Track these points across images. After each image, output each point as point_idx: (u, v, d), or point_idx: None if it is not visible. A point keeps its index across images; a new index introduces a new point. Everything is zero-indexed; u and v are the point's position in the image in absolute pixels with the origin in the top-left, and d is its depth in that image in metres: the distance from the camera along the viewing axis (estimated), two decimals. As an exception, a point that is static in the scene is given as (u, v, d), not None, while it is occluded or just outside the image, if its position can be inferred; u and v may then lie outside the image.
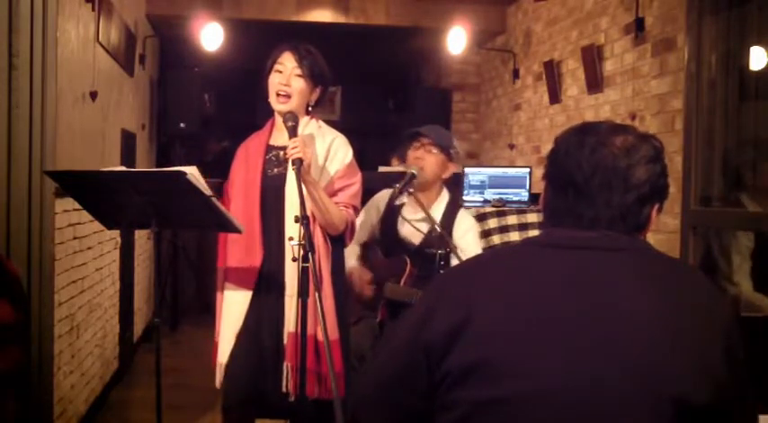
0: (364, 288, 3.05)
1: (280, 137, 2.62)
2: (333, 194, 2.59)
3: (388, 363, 1.37)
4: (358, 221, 3.21)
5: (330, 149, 2.63)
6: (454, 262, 2.86)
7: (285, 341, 2.52)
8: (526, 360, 1.20)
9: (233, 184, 2.66)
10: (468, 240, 3.09)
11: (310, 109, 2.66)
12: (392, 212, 3.15)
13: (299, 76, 2.57)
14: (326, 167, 2.62)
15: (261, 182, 2.59)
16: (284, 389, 2.50)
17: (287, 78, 2.56)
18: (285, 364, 2.50)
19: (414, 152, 3.10)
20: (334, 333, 2.52)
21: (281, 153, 2.55)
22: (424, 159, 3.06)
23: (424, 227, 3.04)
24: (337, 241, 2.65)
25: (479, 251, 3.08)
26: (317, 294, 2.16)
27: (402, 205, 3.09)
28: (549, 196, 1.36)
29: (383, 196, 3.24)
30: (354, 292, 3.05)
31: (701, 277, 1.34)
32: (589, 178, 1.28)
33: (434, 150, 3.07)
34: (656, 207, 1.32)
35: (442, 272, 2.75)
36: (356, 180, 2.66)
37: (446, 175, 3.15)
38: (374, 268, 3.21)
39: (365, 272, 3.10)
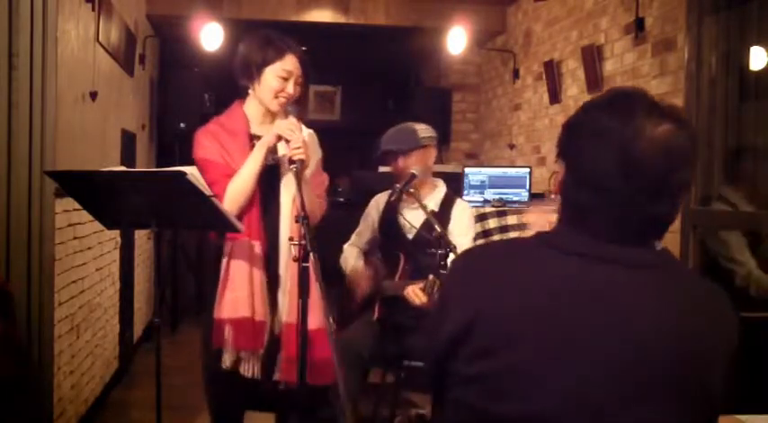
0: (362, 283, 3.15)
1: (258, 127, 2.59)
2: (317, 185, 2.63)
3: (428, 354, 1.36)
4: (358, 228, 3.36)
5: (312, 139, 2.67)
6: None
7: (277, 331, 2.53)
8: (535, 378, 1.13)
9: (224, 166, 2.50)
10: (461, 226, 3.17)
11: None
12: (392, 208, 3.20)
13: (300, 84, 2.58)
14: (313, 155, 2.64)
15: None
16: (278, 377, 2.51)
17: (293, 86, 2.55)
18: (280, 355, 2.51)
19: (393, 164, 3.19)
20: (321, 322, 2.48)
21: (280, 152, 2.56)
22: (409, 167, 3.11)
23: (419, 219, 3.10)
24: None
25: (472, 234, 3.19)
26: (318, 289, 2.18)
27: (400, 201, 3.13)
28: (569, 186, 1.21)
29: (382, 197, 3.31)
30: (356, 290, 3.13)
31: (722, 297, 1.23)
32: (621, 179, 1.13)
33: (408, 152, 3.13)
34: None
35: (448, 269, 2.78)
36: (325, 173, 2.72)
37: (431, 161, 3.21)
38: (373, 271, 3.27)
39: (366, 270, 3.21)
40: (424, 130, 3.18)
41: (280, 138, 2.46)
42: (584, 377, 1.11)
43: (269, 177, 2.54)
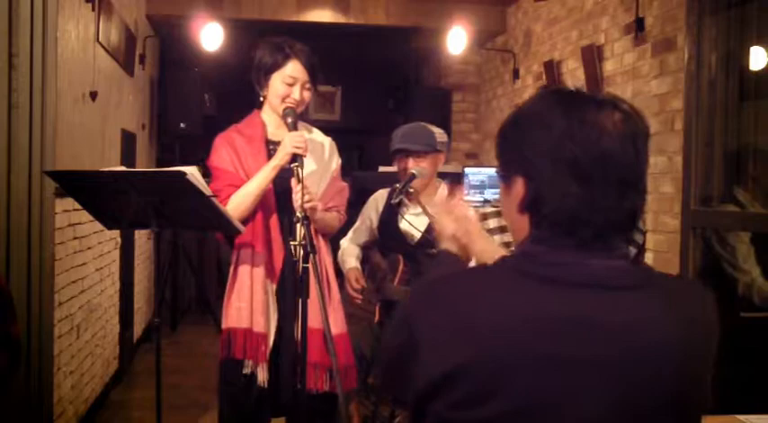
0: (351, 293, 3.13)
1: (275, 132, 2.63)
2: (334, 195, 2.65)
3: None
4: (356, 225, 3.33)
5: (330, 145, 2.72)
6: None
7: (297, 337, 2.52)
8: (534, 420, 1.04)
9: (232, 176, 2.56)
10: None
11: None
12: (392, 210, 3.18)
13: (309, 88, 2.60)
14: (329, 162, 2.69)
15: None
16: (299, 384, 2.51)
17: (299, 92, 2.56)
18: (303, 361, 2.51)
19: (402, 163, 3.09)
20: (343, 327, 2.59)
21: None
22: (418, 167, 3.08)
23: (423, 224, 3.06)
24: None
25: None
26: (325, 291, 2.18)
27: (401, 202, 3.11)
28: (539, 202, 1.10)
29: (381, 195, 3.28)
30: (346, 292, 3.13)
31: (707, 298, 1.17)
32: (600, 180, 1.06)
33: (422, 155, 3.07)
34: None
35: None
36: (344, 182, 2.77)
37: (440, 166, 3.20)
38: (372, 270, 3.25)
39: (360, 278, 3.16)
40: (440, 134, 3.16)
41: (293, 157, 2.44)
42: (587, 415, 1.04)
43: (282, 183, 2.55)
